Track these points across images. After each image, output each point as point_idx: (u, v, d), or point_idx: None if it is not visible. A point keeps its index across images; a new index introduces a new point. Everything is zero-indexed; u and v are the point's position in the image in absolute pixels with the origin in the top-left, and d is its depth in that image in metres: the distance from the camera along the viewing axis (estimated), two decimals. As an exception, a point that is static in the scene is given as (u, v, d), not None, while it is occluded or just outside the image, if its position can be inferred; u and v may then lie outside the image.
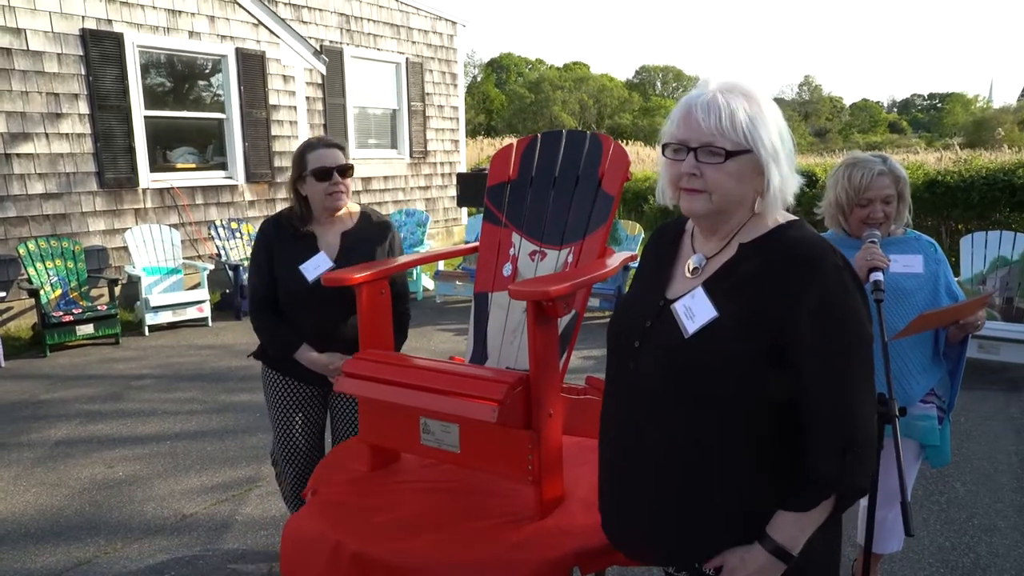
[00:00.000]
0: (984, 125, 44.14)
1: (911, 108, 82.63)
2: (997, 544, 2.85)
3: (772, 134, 1.20)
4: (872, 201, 2.12)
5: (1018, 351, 4.85)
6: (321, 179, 2.26)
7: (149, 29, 6.98)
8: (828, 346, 1.15)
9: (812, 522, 1.20)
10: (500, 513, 1.77)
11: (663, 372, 1.25)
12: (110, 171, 6.81)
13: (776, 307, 1.18)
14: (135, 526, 3.12)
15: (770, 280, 1.20)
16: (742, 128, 1.18)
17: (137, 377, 5.23)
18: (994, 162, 9.07)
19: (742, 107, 1.19)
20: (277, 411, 2.43)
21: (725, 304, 1.22)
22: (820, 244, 1.21)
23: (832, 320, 1.15)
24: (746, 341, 1.18)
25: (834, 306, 1.15)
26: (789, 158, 1.23)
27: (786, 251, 1.21)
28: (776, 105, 1.24)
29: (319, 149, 2.28)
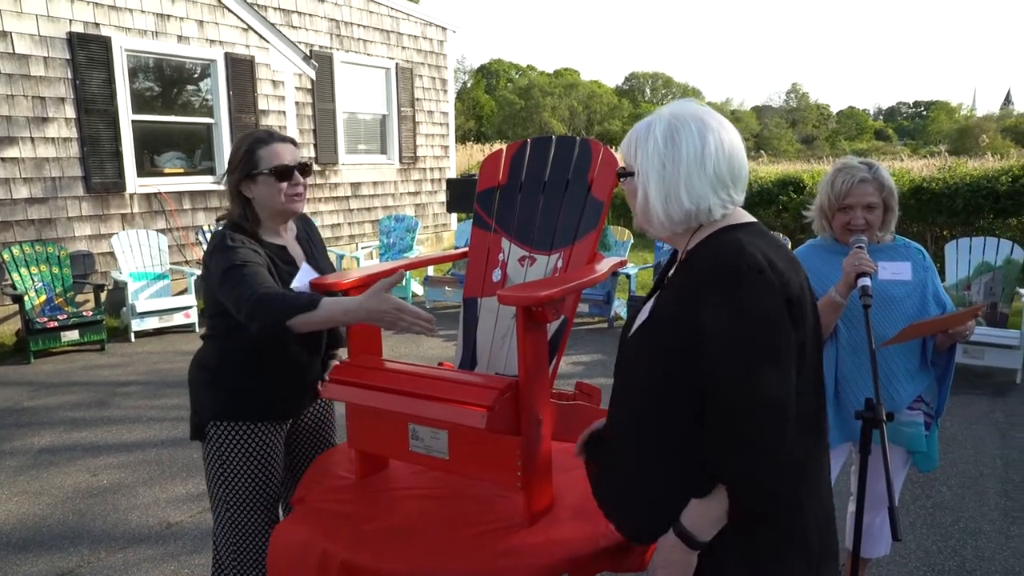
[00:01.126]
0: (968, 133, 44.68)
1: (896, 116, 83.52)
2: (982, 547, 2.87)
3: (649, 155, 1.29)
4: (853, 207, 2.13)
5: (1002, 356, 4.90)
6: (282, 178, 1.91)
7: (137, 33, 6.95)
8: (719, 349, 1.20)
9: (712, 511, 1.24)
10: (489, 520, 1.76)
11: (620, 363, 1.43)
12: (97, 176, 6.75)
13: (687, 309, 1.24)
14: (119, 535, 3.08)
15: (687, 285, 1.29)
16: (629, 151, 1.33)
17: (123, 384, 5.18)
18: (978, 169, 9.17)
19: (639, 133, 1.32)
20: (248, 474, 1.96)
21: (661, 307, 1.33)
22: (728, 250, 1.24)
23: (730, 326, 1.19)
24: (662, 338, 1.28)
25: (733, 313, 1.19)
26: (672, 179, 1.27)
27: (703, 258, 1.28)
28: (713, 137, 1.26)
29: (273, 144, 1.92)
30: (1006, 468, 3.61)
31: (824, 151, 41.96)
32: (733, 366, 1.19)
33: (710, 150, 1.26)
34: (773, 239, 1.31)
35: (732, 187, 1.29)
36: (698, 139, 1.26)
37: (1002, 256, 5.20)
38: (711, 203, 1.27)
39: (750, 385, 1.18)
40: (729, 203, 1.30)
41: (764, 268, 1.20)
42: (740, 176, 1.30)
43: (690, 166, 1.26)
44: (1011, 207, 8.31)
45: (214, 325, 2.00)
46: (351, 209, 9.72)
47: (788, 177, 10.16)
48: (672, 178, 1.27)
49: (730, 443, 1.20)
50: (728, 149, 1.27)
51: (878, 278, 2.14)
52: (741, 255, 1.21)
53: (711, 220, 1.30)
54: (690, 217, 1.29)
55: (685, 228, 1.32)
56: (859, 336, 2.11)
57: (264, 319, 1.71)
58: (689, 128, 1.27)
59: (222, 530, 2.02)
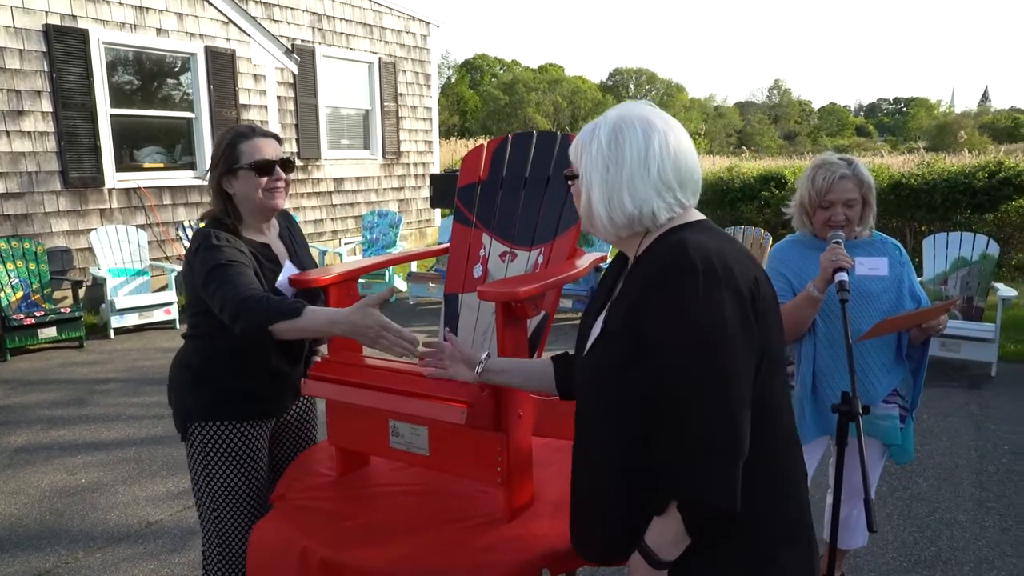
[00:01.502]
0: (946, 129, 45.28)
1: (877, 112, 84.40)
2: (957, 537, 2.92)
3: (593, 157, 1.25)
4: (833, 204, 2.15)
5: (978, 349, 4.98)
6: (262, 173, 1.89)
7: (115, 26, 6.85)
8: (670, 357, 1.14)
9: (671, 529, 1.18)
10: (470, 515, 1.76)
11: (578, 381, 1.37)
12: (74, 170, 6.66)
13: (634, 319, 1.19)
14: (98, 534, 3.05)
15: (630, 294, 1.22)
16: (575, 154, 1.30)
17: (102, 381, 5.12)
18: (955, 165, 9.29)
19: (584, 135, 1.28)
20: (233, 474, 1.95)
21: (612, 320, 1.26)
22: (673, 252, 1.17)
23: (674, 331, 1.14)
24: (616, 352, 1.22)
25: (676, 317, 1.13)
26: (615, 182, 1.22)
27: (647, 263, 1.23)
28: (658, 138, 1.22)
29: (255, 139, 1.90)
30: (981, 460, 3.67)
31: (806, 147, 42.33)
32: (680, 373, 1.13)
33: (654, 152, 1.21)
34: (723, 234, 1.26)
35: (678, 190, 1.23)
36: (642, 141, 1.21)
37: (978, 251, 5.28)
38: (655, 206, 1.22)
39: (698, 393, 1.12)
40: (676, 206, 1.24)
41: (710, 265, 1.14)
42: (688, 179, 1.24)
43: (633, 168, 1.21)
44: (987, 203, 8.43)
45: (196, 324, 1.98)
46: (334, 204, 9.66)
47: (770, 173, 10.23)
48: (615, 181, 1.22)
49: (679, 457, 1.14)
50: (674, 151, 1.22)
51: (855, 273, 2.16)
52: (685, 253, 1.15)
53: (656, 224, 1.24)
54: (633, 221, 1.24)
55: (630, 232, 1.27)
56: (836, 330, 2.13)
57: (247, 321, 1.70)
58: (633, 129, 1.22)
59: (209, 530, 2.01)
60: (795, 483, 1.30)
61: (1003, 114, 59.96)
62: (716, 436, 1.12)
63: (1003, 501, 3.23)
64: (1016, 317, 6.26)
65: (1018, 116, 57.09)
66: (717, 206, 10.53)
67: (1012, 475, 3.49)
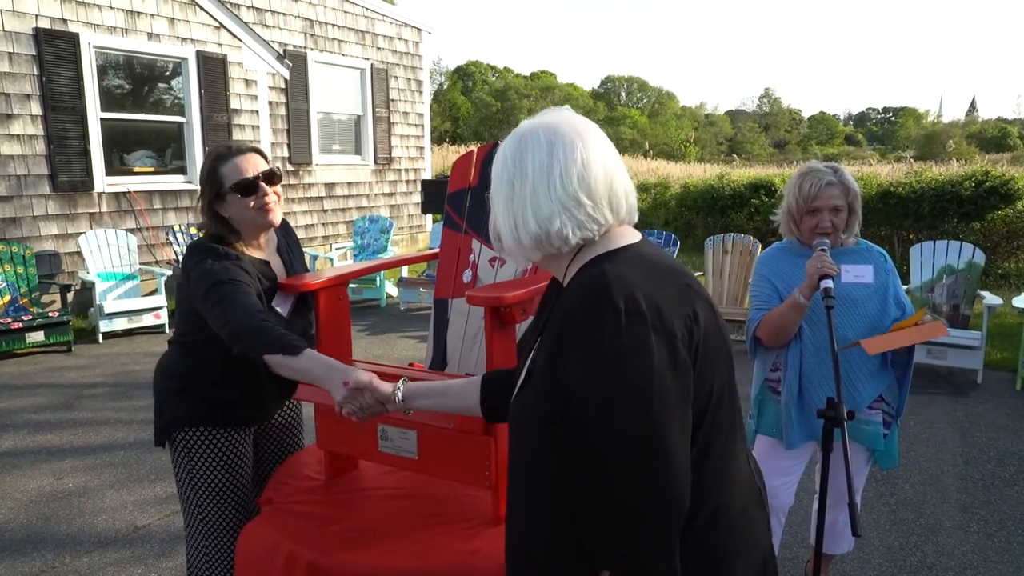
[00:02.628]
0: (934, 138, 45.72)
1: (866, 121, 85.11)
2: (943, 543, 2.95)
3: (498, 173, 1.13)
4: (820, 210, 2.17)
5: (964, 356, 5.03)
6: (246, 193, 1.84)
7: (106, 30, 6.84)
8: (592, 412, 1.01)
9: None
10: (458, 519, 1.77)
11: (509, 429, 1.21)
12: (64, 174, 6.63)
13: (550, 366, 1.06)
14: (85, 539, 3.03)
15: (549, 334, 1.09)
16: (493, 171, 1.15)
17: (90, 385, 5.09)
18: (943, 174, 9.39)
19: (502, 147, 1.14)
20: (218, 481, 1.93)
21: (536, 360, 1.13)
22: (592, 288, 1.04)
23: (593, 383, 1.00)
24: (537, 402, 1.10)
25: (595, 367, 1.00)
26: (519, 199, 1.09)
27: (564, 301, 1.09)
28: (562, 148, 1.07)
29: (233, 158, 1.85)
30: (966, 465, 3.70)
31: (796, 155, 42.64)
32: (604, 431, 0.99)
33: (559, 162, 1.06)
34: (655, 260, 1.10)
35: (590, 206, 1.07)
36: (545, 151, 1.07)
37: (964, 259, 5.34)
38: (563, 224, 1.07)
39: (626, 453, 0.99)
40: (589, 223, 1.08)
41: (634, 304, 1.00)
42: (602, 192, 1.08)
43: (536, 182, 1.07)
44: (974, 211, 8.53)
45: (185, 332, 1.97)
46: (325, 210, 9.65)
47: (760, 181, 10.32)
48: (519, 198, 1.09)
49: (608, 525, 1.02)
50: (582, 161, 1.07)
51: (841, 280, 2.18)
52: (605, 290, 1.01)
53: (568, 245, 1.09)
54: (540, 242, 1.09)
55: (541, 255, 1.13)
56: (822, 337, 2.15)
57: (247, 345, 1.68)
58: (537, 140, 1.08)
59: (194, 535, 2.00)
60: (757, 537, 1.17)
61: (990, 124, 60.62)
62: (649, 500, 0.99)
63: (988, 507, 3.26)
64: (1002, 325, 6.33)
65: (1005, 126, 57.74)
66: (707, 214, 10.60)
67: (997, 481, 3.52)
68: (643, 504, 0.99)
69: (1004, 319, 6.52)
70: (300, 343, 1.65)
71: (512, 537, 1.21)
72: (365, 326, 6.95)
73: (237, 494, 1.98)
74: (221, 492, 1.95)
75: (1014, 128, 57.40)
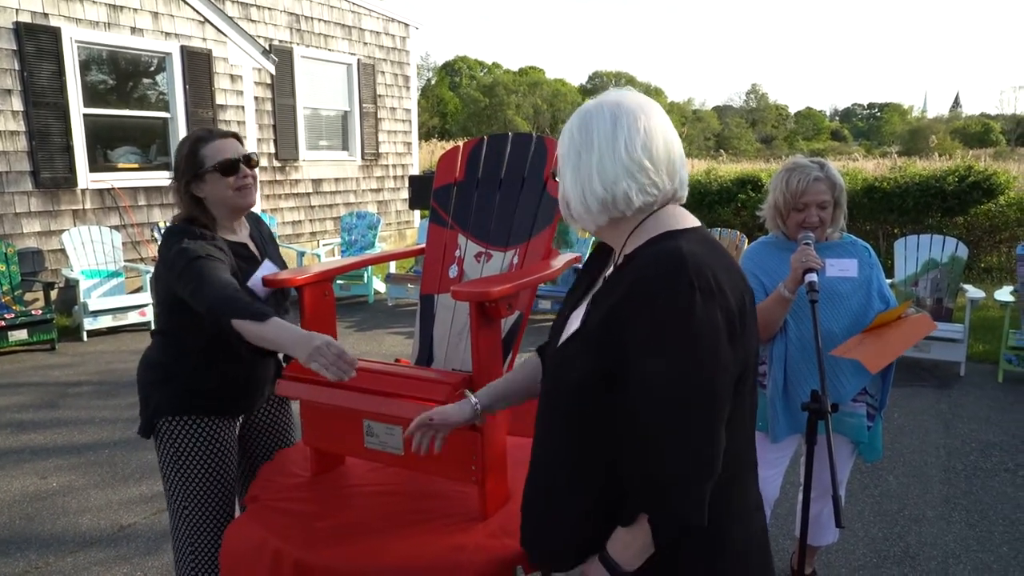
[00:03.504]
0: (919, 134, 46.10)
1: (852, 117, 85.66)
2: (925, 533, 2.98)
3: (566, 147, 1.22)
4: (808, 206, 2.18)
5: (947, 349, 5.08)
6: (227, 173, 1.90)
7: (88, 24, 6.75)
8: (641, 379, 1.10)
9: (637, 541, 1.15)
10: (444, 515, 1.77)
11: (545, 378, 1.31)
12: (46, 170, 6.55)
13: (611, 328, 1.14)
14: (69, 538, 3.01)
15: (615, 299, 1.16)
16: (560, 146, 1.25)
17: (74, 384, 5.04)
18: (927, 169, 9.46)
19: (568, 124, 1.24)
20: (200, 468, 1.94)
21: (590, 318, 1.20)
22: (666, 262, 1.11)
23: (649, 351, 1.09)
24: (587, 359, 1.17)
25: (654, 336, 1.09)
26: (586, 167, 1.19)
27: (637, 268, 1.16)
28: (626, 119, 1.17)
29: (214, 141, 1.92)
30: (949, 457, 3.75)
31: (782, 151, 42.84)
32: (666, 390, 1.08)
33: (623, 131, 1.16)
34: (717, 245, 1.21)
35: (652, 171, 1.17)
36: (609, 122, 1.17)
37: (947, 253, 5.39)
38: (626, 188, 1.17)
39: (683, 411, 1.08)
40: (651, 187, 1.17)
41: (707, 282, 1.09)
42: (663, 159, 1.18)
43: (602, 150, 1.17)
44: (957, 206, 8.60)
45: (165, 322, 1.97)
46: (312, 206, 9.60)
47: (747, 176, 10.36)
48: (585, 166, 1.19)
49: (654, 473, 1.10)
50: (645, 129, 1.16)
51: (826, 275, 2.20)
52: (682, 266, 1.09)
53: (632, 208, 1.19)
54: (607, 205, 1.19)
55: (608, 219, 1.21)
56: (807, 330, 2.16)
57: (216, 313, 1.71)
58: (601, 113, 1.19)
59: (179, 527, 1.99)
60: (750, 502, 1.28)
61: (973, 120, 61.24)
62: (695, 455, 1.09)
63: (970, 497, 3.30)
64: (984, 318, 6.40)
65: (988, 122, 58.32)
66: (695, 208, 10.63)
67: (979, 472, 3.57)
68: (690, 459, 1.09)
69: (986, 312, 6.60)
70: (268, 311, 1.69)
71: (536, 479, 1.30)
72: (353, 322, 6.93)
73: (222, 484, 1.98)
74: (205, 482, 1.95)
75: (997, 124, 58.01)
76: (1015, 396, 4.68)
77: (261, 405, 2.15)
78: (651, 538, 1.14)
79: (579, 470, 1.21)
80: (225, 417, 1.99)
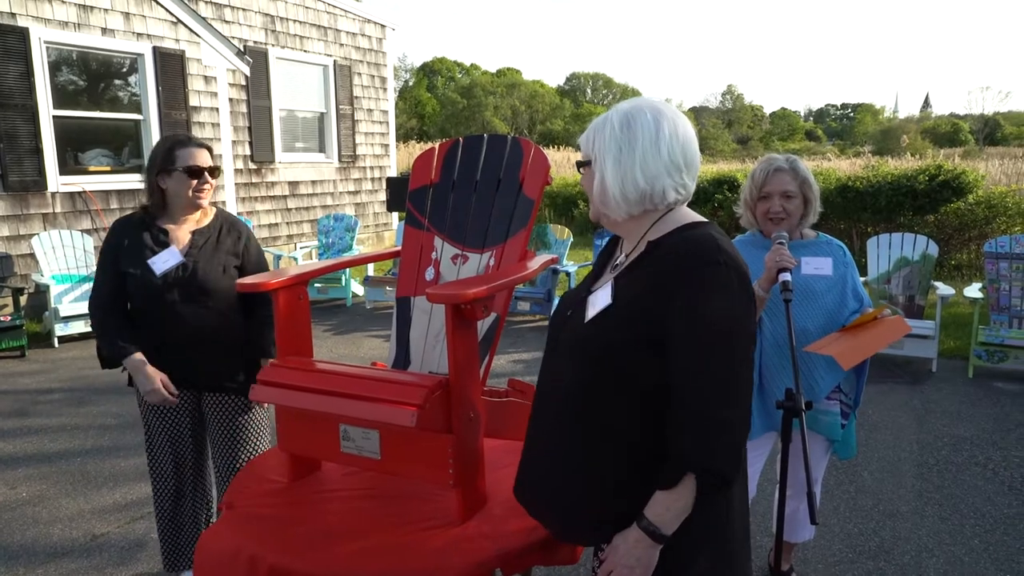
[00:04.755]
0: (890, 134, 46.88)
1: (825, 117, 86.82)
2: (899, 528, 3.03)
3: (606, 140, 1.34)
4: (771, 195, 2.22)
5: (920, 346, 5.16)
6: (192, 176, 2.26)
7: (58, 24, 6.63)
8: (691, 341, 1.22)
9: (679, 502, 1.25)
10: (422, 518, 1.76)
11: (568, 354, 1.38)
12: (14, 173, 6.42)
13: (654, 301, 1.26)
14: (39, 549, 2.94)
15: (655, 276, 1.28)
16: (587, 141, 1.38)
17: (45, 391, 4.94)
18: (899, 169, 9.62)
19: (596, 123, 1.37)
20: (153, 422, 2.40)
21: (623, 294, 1.32)
22: (704, 244, 1.27)
23: (697, 317, 1.22)
24: (627, 329, 1.28)
25: (701, 304, 1.22)
26: (628, 161, 1.31)
27: (672, 248, 1.29)
28: (667, 123, 1.31)
29: (191, 147, 2.28)
30: (922, 452, 3.81)
31: (758, 151, 43.31)
32: (708, 360, 1.21)
33: (664, 134, 1.30)
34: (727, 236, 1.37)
35: (685, 172, 1.33)
36: (652, 124, 1.31)
37: (919, 251, 5.48)
38: (665, 184, 1.31)
39: (723, 377, 1.21)
40: (682, 188, 1.33)
41: (738, 266, 1.25)
42: (693, 163, 1.34)
43: (646, 148, 1.30)
44: (928, 204, 8.76)
45: None
46: (289, 208, 9.52)
47: (724, 176, 10.46)
48: (628, 160, 1.31)
49: (700, 433, 1.22)
50: (682, 135, 1.32)
51: (800, 273, 2.23)
52: (717, 251, 1.25)
53: (665, 203, 1.33)
54: (645, 198, 1.32)
55: (642, 210, 1.35)
56: (782, 328, 2.19)
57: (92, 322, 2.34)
58: (644, 115, 1.32)
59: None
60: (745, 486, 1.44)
61: (943, 120, 62.40)
62: (734, 415, 1.23)
63: (943, 491, 3.35)
64: (956, 315, 6.52)
65: (957, 122, 59.48)
66: (672, 209, 10.71)
67: (950, 466, 3.63)
68: (730, 419, 1.23)
69: (957, 309, 6.72)
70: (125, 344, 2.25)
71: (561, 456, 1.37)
72: (331, 326, 6.87)
73: (172, 444, 2.41)
74: (157, 438, 2.40)
75: (966, 124, 59.19)
76: (984, 391, 4.77)
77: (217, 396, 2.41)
78: (692, 497, 1.24)
79: (612, 439, 1.31)
80: (179, 387, 2.32)
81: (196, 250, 2.32)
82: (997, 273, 5.23)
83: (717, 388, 1.22)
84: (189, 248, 2.32)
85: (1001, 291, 5.21)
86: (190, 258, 2.30)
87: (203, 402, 2.44)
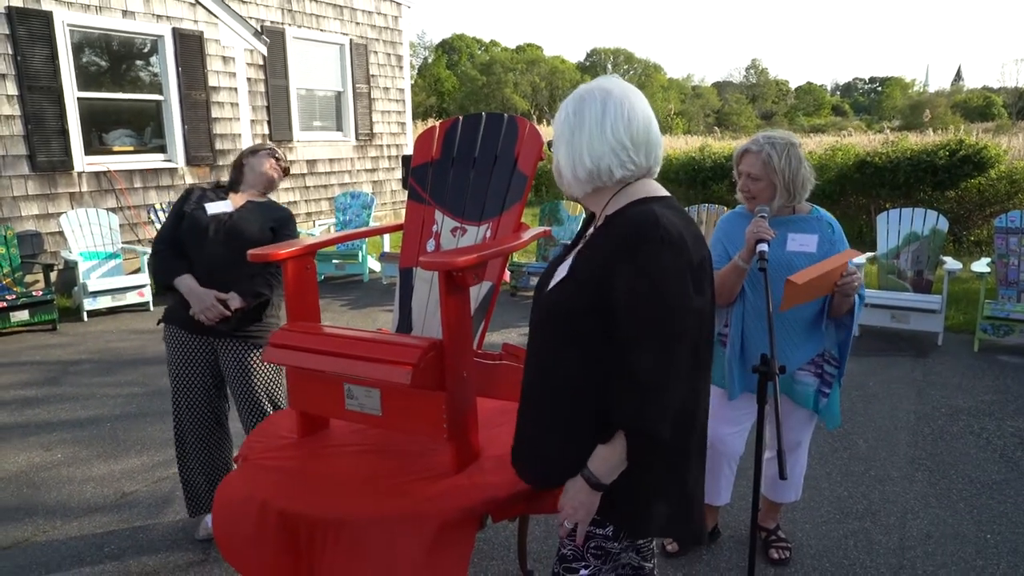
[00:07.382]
0: (920, 108, 45.75)
1: (853, 91, 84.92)
2: (888, 491, 3.13)
3: (560, 125, 1.45)
4: (741, 174, 2.33)
5: (926, 320, 5.21)
6: (272, 158, 2.83)
7: (80, 8, 6.80)
8: (627, 312, 1.33)
9: (613, 456, 1.38)
10: (419, 470, 1.91)
11: (536, 318, 1.52)
12: (42, 154, 6.65)
13: (603, 273, 1.36)
14: (74, 505, 3.16)
15: (602, 249, 1.39)
16: (556, 124, 1.47)
17: (75, 362, 5.19)
18: (918, 144, 9.51)
19: (564, 106, 1.46)
20: (175, 365, 2.75)
21: (580, 266, 1.43)
22: (643, 221, 1.35)
23: (630, 290, 1.32)
24: (578, 298, 1.40)
25: (635, 277, 1.32)
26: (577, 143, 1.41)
27: (619, 225, 1.39)
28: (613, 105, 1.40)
29: (276, 154, 2.87)
30: (918, 422, 3.89)
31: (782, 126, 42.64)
32: (642, 327, 1.31)
33: (609, 114, 1.39)
34: (682, 212, 1.45)
35: (631, 149, 1.40)
36: (599, 106, 1.40)
37: (928, 226, 5.49)
38: (611, 163, 1.40)
39: (657, 343, 1.31)
40: (629, 163, 1.41)
41: (673, 239, 1.32)
42: (642, 140, 1.41)
43: (591, 130, 1.40)
44: (948, 180, 8.66)
45: None
46: (307, 186, 9.69)
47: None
48: (577, 142, 1.42)
49: (633, 394, 1.32)
50: (628, 115, 1.39)
51: (786, 248, 2.30)
52: (655, 226, 1.33)
53: (613, 179, 1.42)
54: (593, 177, 1.42)
55: (594, 188, 1.45)
56: (762, 299, 2.28)
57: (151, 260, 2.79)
58: (593, 98, 1.41)
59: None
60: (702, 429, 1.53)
61: (975, 93, 60.74)
62: (665, 379, 1.32)
63: (935, 458, 3.44)
64: (966, 290, 6.51)
65: (989, 95, 57.91)
66: (689, 185, 10.69)
67: (945, 435, 3.71)
68: (661, 382, 1.32)
69: (969, 284, 6.71)
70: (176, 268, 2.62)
71: (532, 407, 1.51)
72: (348, 301, 7.06)
73: (190, 386, 2.74)
74: (177, 379, 2.74)
75: (999, 97, 57.59)
76: (988, 364, 4.82)
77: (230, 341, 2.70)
78: (625, 452, 1.37)
79: (569, 397, 1.42)
80: (195, 333, 2.68)
81: (245, 210, 2.74)
82: (1007, 247, 5.23)
83: (648, 356, 1.31)
84: (241, 207, 2.75)
85: (1010, 265, 5.22)
86: (236, 214, 2.71)
87: (219, 352, 2.73)
